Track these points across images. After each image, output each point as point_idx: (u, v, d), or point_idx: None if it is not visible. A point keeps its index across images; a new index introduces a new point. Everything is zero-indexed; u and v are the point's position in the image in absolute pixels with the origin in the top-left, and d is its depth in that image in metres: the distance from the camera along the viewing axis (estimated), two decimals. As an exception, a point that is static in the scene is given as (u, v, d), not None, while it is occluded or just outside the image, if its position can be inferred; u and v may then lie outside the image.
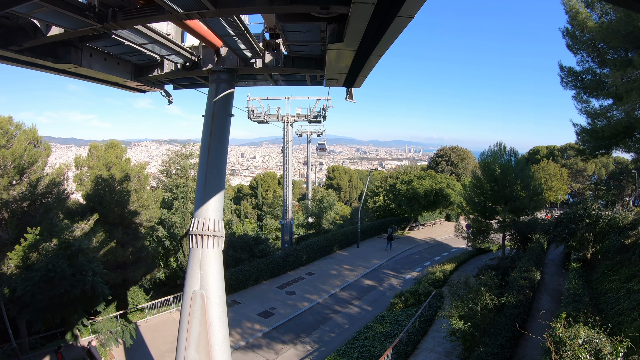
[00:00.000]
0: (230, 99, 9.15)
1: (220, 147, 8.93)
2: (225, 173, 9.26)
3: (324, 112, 25.13)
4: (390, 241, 31.23)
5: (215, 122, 8.78)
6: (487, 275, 15.54)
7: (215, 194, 8.81)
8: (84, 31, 6.04)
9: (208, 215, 8.70)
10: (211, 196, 8.75)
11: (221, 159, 9.00)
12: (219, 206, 8.98)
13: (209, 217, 8.68)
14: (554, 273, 21.32)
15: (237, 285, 21.71)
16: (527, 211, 24.06)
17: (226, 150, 9.26)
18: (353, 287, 22.62)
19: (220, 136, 8.89)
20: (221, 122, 8.88)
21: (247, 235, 25.25)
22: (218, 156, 8.88)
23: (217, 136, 8.84)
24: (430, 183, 32.78)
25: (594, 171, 74.38)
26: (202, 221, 8.65)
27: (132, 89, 11.36)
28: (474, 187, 24.54)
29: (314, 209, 32.71)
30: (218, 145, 8.86)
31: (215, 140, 8.81)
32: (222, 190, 9.03)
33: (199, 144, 34.39)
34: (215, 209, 8.83)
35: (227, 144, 9.25)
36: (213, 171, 8.74)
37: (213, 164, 8.76)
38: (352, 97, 11.21)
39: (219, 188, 8.91)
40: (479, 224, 24.85)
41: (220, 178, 8.93)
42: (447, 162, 54.19)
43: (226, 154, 9.30)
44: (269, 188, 66.05)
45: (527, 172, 24.30)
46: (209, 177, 8.70)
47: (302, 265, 25.91)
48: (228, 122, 9.10)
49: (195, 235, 8.69)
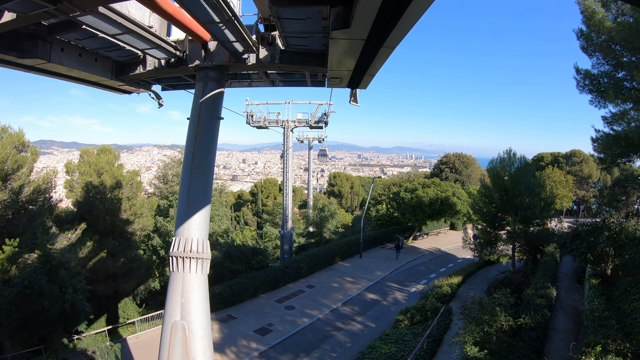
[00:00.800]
0: (219, 100, 8.11)
1: (207, 154, 7.79)
2: (212, 185, 8.07)
3: (326, 117, 24.10)
4: (399, 250, 30.77)
5: (202, 125, 7.69)
6: (501, 293, 14.38)
7: (199, 209, 7.63)
8: (38, 15, 5.05)
9: (191, 234, 7.53)
10: (195, 212, 7.57)
11: (207, 168, 7.83)
12: (204, 224, 7.76)
13: (192, 236, 7.50)
14: (569, 288, 20.09)
15: (233, 299, 20.55)
16: (539, 221, 22.91)
17: (213, 158, 8.11)
18: (356, 302, 21.42)
19: (206, 142, 7.76)
20: (208, 126, 7.78)
21: (245, 246, 24.12)
22: (204, 165, 7.73)
23: (203, 142, 7.71)
24: (436, 191, 31.62)
25: (599, 178, 73.27)
26: (184, 241, 7.47)
27: (116, 89, 10.36)
28: (482, 196, 23.42)
29: (315, 218, 31.60)
30: (204, 153, 7.73)
31: (201, 146, 7.68)
32: (207, 205, 7.85)
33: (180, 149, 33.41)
34: (199, 227, 7.63)
35: (215, 151, 8.12)
36: (197, 182, 7.59)
37: (198, 174, 7.61)
38: (356, 100, 10.21)
39: (204, 202, 7.75)
40: (488, 235, 23.67)
41: (206, 191, 7.77)
42: (451, 169, 53.05)
43: (213, 162, 8.15)
44: (270, 194, 65.05)
45: (538, 181, 23.18)
46: (192, 190, 7.56)
47: (302, 277, 24.74)
48: (216, 126, 8.02)
49: (176, 257, 7.46)
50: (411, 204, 32.01)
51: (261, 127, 25.35)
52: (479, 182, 54.47)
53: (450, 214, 33.13)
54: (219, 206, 29.90)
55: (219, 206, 29.99)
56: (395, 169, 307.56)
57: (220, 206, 30.27)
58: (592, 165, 69.76)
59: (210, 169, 7.97)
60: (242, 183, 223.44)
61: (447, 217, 35.55)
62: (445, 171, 52.89)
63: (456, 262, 30.47)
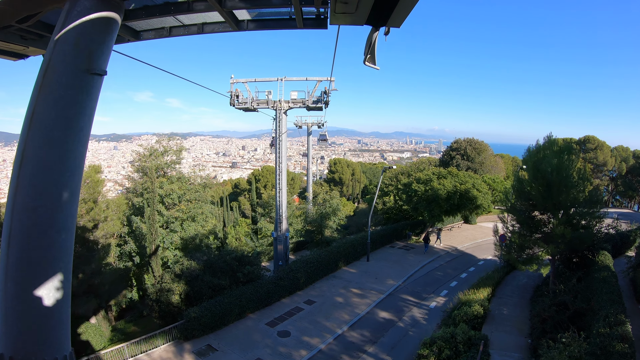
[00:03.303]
0: (103, 41, 3.84)
1: (64, 139, 3.68)
2: (78, 196, 3.85)
3: (326, 95, 19.61)
4: (427, 243, 29.01)
5: (52, 85, 3.46)
6: (572, 338, 10.44)
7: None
8: None
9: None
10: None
11: (62, 166, 3.74)
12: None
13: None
14: (630, 310, 16.11)
15: (214, 324, 16.61)
16: (587, 222, 18.80)
17: (81, 146, 4.00)
18: (365, 324, 17.51)
19: (65, 116, 3.57)
20: (67, 88, 3.55)
21: (230, 253, 20.05)
22: (54, 159, 3.62)
23: (57, 117, 3.51)
24: (454, 183, 27.38)
25: (614, 166, 69.94)
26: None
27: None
28: (518, 192, 19.26)
29: (314, 216, 27.53)
30: (56, 136, 3.60)
31: (47, 123, 3.52)
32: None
33: (175, 138, 29.03)
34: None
35: (85, 135, 3.94)
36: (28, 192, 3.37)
37: (32, 175, 3.40)
38: (373, 59, 5.86)
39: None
40: (523, 239, 19.59)
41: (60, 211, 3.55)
42: (462, 156, 48.70)
43: (81, 155, 4.04)
44: (268, 183, 60.85)
45: (585, 173, 19.00)
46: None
47: (300, 289, 20.80)
48: (89, 89, 3.76)
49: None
50: (425, 198, 27.82)
51: (248, 110, 20.90)
52: (491, 169, 50.31)
53: (470, 208, 29.01)
54: (202, 203, 25.78)
55: (203, 203, 25.87)
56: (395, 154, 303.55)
57: (205, 203, 26.16)
58: (607, 152, 66.46)
59: (73, 169, 3.77)
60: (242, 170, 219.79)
61: (467, 212, 31.45)
62: (456, 158, 48.56)
63: (477, 265, 26.56)
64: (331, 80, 19.54)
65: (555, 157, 18.16)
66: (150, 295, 19.02)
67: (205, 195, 25.91)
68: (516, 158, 74.46)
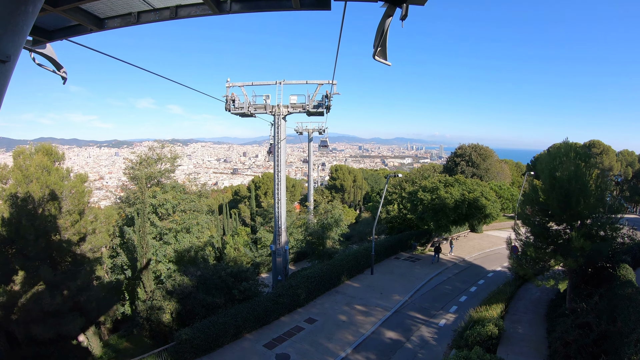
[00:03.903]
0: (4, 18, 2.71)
1: None
2: None
3: (328, 100, 18.48)
4: (438, 253, 28.02)
5: None
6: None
7: None
8: None
9: None
10: None
11: None
12: None
13: None
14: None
15: (208, 346, 15.34)
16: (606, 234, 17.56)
17: None
18: (370, 345, 16.21)
19: None
20: None
21: (226, 268, 18.82)
22: None
23: None
24: (462, 191, 26.14)
25: (619, 170, 69.18)
26: None
27: None
28: (532, 202, 18.05)
29: (315, 227, 26.27)
30: None
31: None
32: None
33: (170, 145, 28.00)
34: None
35: None
36: None
37: None
38: (384, 53, 4.72)
39: None
40: (538, 252, 18.34)
41: None
42: (467, 162, 47.51)
43: None
44: (268, 190, 59.75)
45: (604, 182, 17.80)
46: None
47: (300, 305, 19.52)
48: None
49: None
50: (432, 207, 26.56)
51: (245, 115, 19.78)
52: (497, 176, 49.10)
53: (479, 218, 27.74)
54: (198, 214, 24.59)
55: (199, 214, 24.67)
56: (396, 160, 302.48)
57: (201, 213, 24.96)
58: (613, 157, 65.75)
59: None
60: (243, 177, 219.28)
61: (475, 222, 30.17)
62: (460, 164, 47.38)
63: (486, 277, 25.22)
64: (333, 84, 18.45)
65: (572, 165, 17.01)
66: (140, 312, 17.83)
67: (201, 205, 24.71)
68: (519, 163, 73.28)
